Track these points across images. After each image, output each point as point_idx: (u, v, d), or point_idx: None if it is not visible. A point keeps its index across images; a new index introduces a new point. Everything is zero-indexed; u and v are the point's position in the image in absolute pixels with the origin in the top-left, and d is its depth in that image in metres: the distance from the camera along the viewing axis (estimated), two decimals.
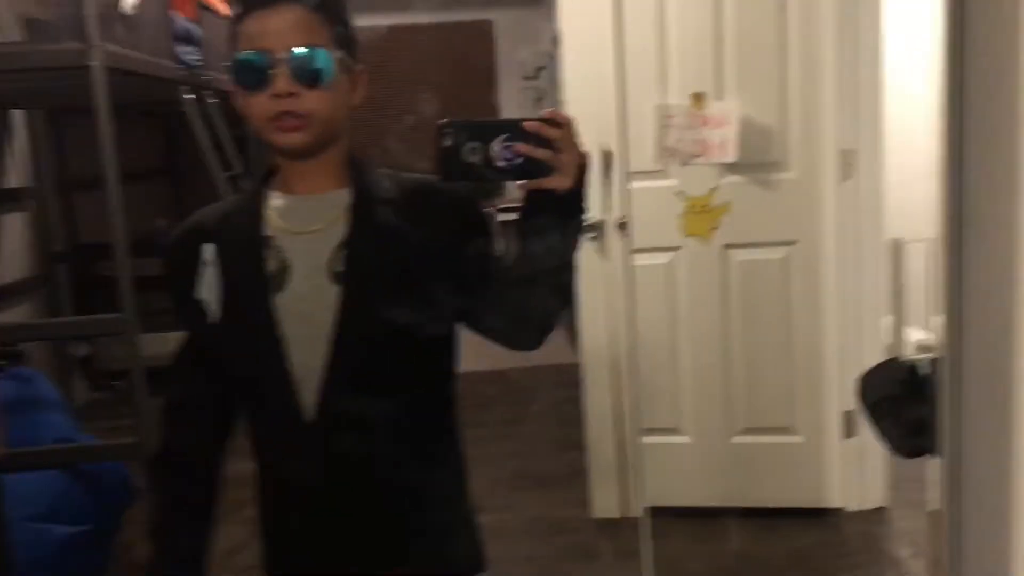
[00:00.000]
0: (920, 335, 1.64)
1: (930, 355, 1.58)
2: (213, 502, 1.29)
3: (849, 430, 2.83)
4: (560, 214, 1.09)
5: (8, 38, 2.50)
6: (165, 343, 4.50)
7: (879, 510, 2.86)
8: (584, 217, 1.12)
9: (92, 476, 2.88)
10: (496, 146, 1.04)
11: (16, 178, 4.26)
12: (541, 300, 1.15)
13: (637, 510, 2.84)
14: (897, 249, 1.47)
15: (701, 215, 2.76)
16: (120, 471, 2.99)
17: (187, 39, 3.33)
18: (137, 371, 2.80)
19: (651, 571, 1.02)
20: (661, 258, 2.81)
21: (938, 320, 0.88)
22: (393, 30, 5.71)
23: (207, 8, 3.54)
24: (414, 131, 5.50)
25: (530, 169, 1.05)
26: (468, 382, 1.34)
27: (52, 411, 2.94)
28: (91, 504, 2.84)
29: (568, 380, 4.57)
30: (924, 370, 1.61)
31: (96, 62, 2.47)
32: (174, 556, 1.26)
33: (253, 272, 1.17)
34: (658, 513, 2.79)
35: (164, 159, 5.58)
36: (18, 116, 4.22)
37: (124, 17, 2.71)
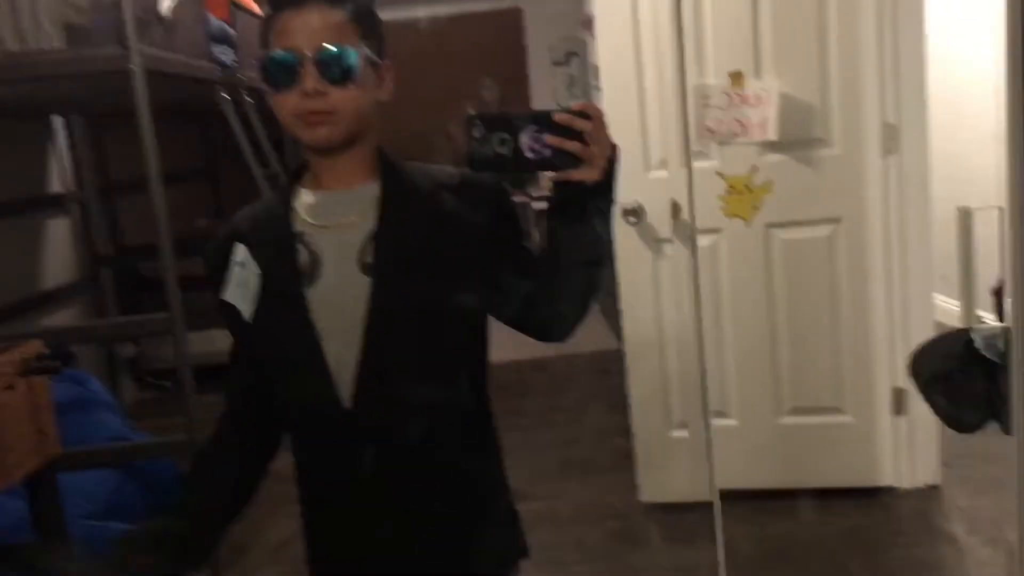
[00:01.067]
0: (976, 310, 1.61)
1: (989, 328, 1.55)
2: (241, 499, 1.31)
3: (899, 407, 2.79)
4: (589, 206, 1.09)
5: (49, 45, 2.54)
6: (211, 341, 4.57)
7: (932, 488, 2.82)
8: (612, 208, 1.12)
9: (145, 474, 2.93)
10: (525, 137, 1.04)
11: (59, 184, 4.33)
12: (571, 291, 1.16)
13: (688, 495, 2.83)
14: (965, 217, 1.44)
15: (743, 195, 2.73)
16: (172, 469, 3.04)
17: (222, 39, 3.36)
18: (184, 370, 2.84)
19: (723, 552, 1.01)
20: (703, 240, 2.78)
21: (1008, 290, 0.86)
22: (423, 22, 5.71)
23: (241, 8, 3.57)
24: (448, 123, 5.50)
25: (559, 161, 1.05)
26: (509, 371, 1.34)
27: (105, 411, 3.00)
28: (145, 501, 2.89)
29: (610, 367, 4.56)
30: (980, 344, 1.59)
31: (136, 66, 2.49)
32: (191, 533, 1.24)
33: (285, 268, 1.18)
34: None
35: (203, 160, 5.65)
36: (58, 122, 4.29)
37: (161, 20, 2.74)
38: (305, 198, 1.22)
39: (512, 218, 1.23)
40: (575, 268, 1.14)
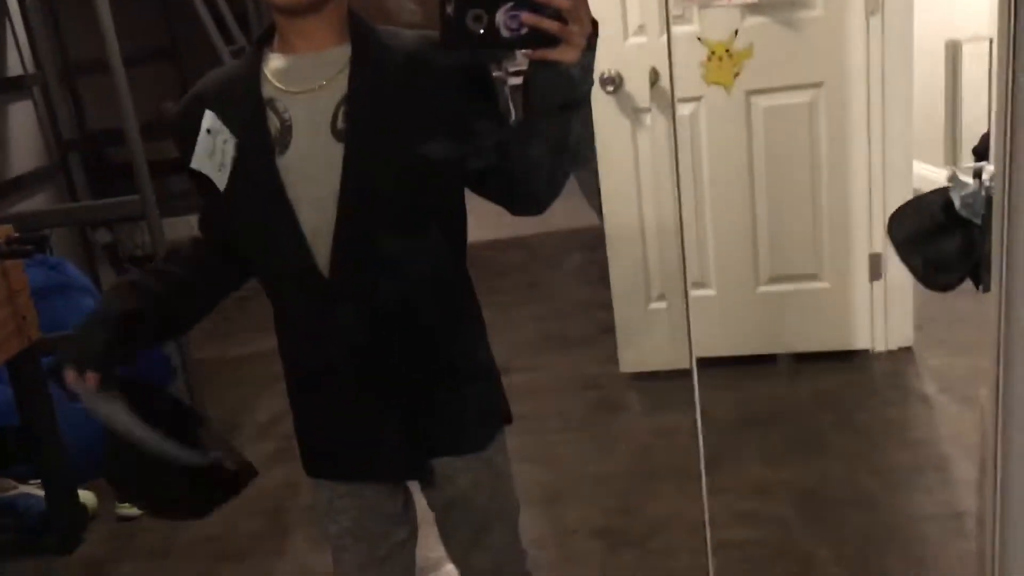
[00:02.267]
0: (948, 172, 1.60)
1: (968, 187, 1.55)
2: (179, 315, 1.30)
3: (875, 273, 2.82)
4: (566, 85, 1.06)
5: None
6: (188, 227, 4.52)
7: (906, 350, 2.89)
8: (590, 86, 1.09)
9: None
10: (501, 15, 0.99)
11: (17, 66, 4.17)
12: (546, 163, 1.14)
13: (666, 364, 2.88)
14: (952, 51, 1.40)
15: (723, 62, 2.67)
16: (157, 352, 3.05)
17: None
18: (160, 254, 2.81)
19: (699, 418, 1.04)
20: (683, 109, 2.74)
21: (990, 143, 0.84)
22: None
23: None
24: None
25: (536, 39, 1.00)
26: (488, 250, 1.34)
27: (83, 295, 2.98)
28: None
29: (590, 242, 4.57)
30: (958, 203, 1.59)
31: None
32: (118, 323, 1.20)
33: (256, 134, 1.15)
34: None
35: (166, 39, 5.45)
36: (12, 2, 4.09)
37: None
38: (274, 62, 1.18)
39: (487, 86, 1.19)
40: (551, 140, 1.11)
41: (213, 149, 1.17)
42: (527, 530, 1.45)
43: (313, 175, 1.14)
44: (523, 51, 1.03)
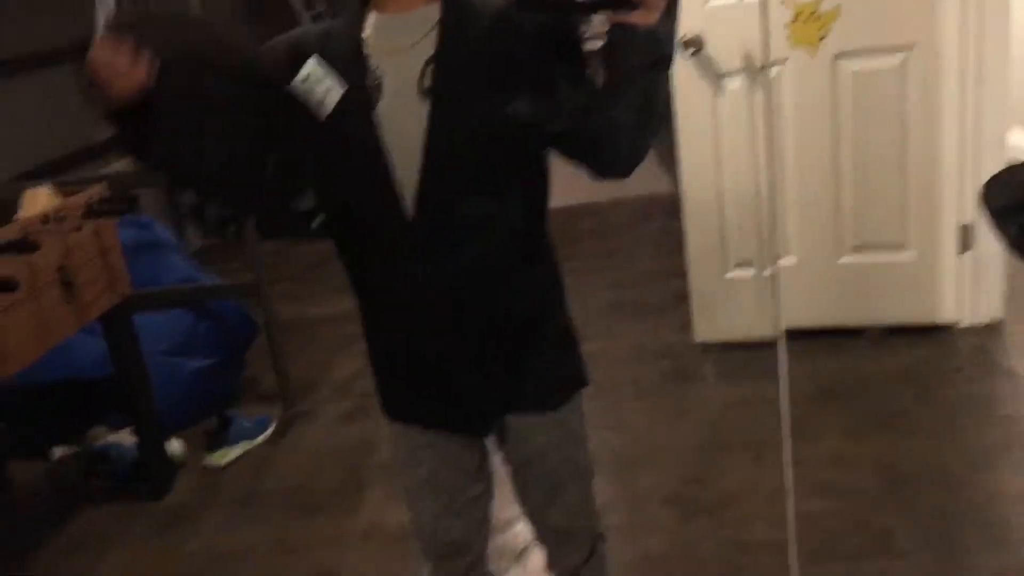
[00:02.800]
0: None
1: None
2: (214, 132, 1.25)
3: (965, 244, 2.72)
4: (645, 49, 1.05)
5: None
6: None
7: (994, 324, 2.79)
8: (671, 50, 1.08)
9: (216, 314, 3.05)
10: None
11: (101, 30, 4.29)
12: (629, 130, 1.14)
13: (742, 334, 2.84)
14: None
15: (809, 23, 2.58)
16: (240, 310, 3.15)
17: None
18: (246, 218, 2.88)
19: (787, 389, 1.02)
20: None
21: None
22: None
23: None
24: None
25: (614, 2, 0.98)
26: (561, 217, 1.34)
27: (171, 254, 3.09)
28: (217, 340, 3.02)
29: (665, 210, 4.52)
30: None
31: None
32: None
33: (357, 86, 1.17)
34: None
35: (244, 6, 5.53)
36: None
37: None
38: (369, 21, 1.21)
39: (572, 48, 1.19)
40: (633, 103, 1.11)
41: (311, 93, 1.19)
42: (599, 494, 1.47)
43: (400, 130, 1.17)
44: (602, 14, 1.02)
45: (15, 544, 2.44)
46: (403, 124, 1.16)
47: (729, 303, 2.89)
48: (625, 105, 1.11)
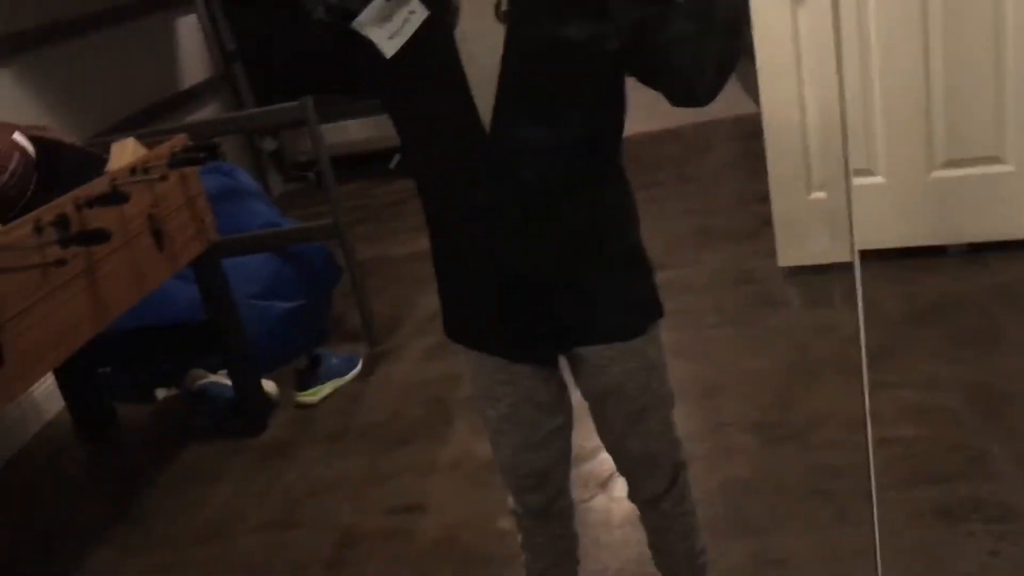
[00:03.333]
0: None
1: None
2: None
3: None
4: None
5: None
6: (345, 132, 4.71)
7: None
8: None
9: (300, 257, 3.12)
10: None
11: None
12: (710, 52, 1.10)
13: (828, 257, 2.77)
14: None
15: None
16: (324, 252, 3.22)
17: None
18: (324, 159, 2.93)
19: (861, 314, 0.99)
20: None
21: None
22: None
23: None
24: None
25: None
26: (641, 143, 1.32)
27: (255, 200, 3.16)
28: (302, 282, 3.09)
29: (746, 132, 4.39)
30: None
31: None
32: None
33: (438, 10, 1.16)
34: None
35: None
36: None
37: None
38: None
39: None
40: (714, 23, 1.08)
41: (389, 17, 1.19)
42: (680, 423, 1.46)
43: (476, 54, 1.16)
44: None
45: (127, 481, 2.59)
46: (479, 48, 1.15)
47: (813, 225, 2.80)
48: (706, 25, 1.08)
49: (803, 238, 2.84)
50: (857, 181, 2.65)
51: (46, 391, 2.94)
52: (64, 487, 2.64)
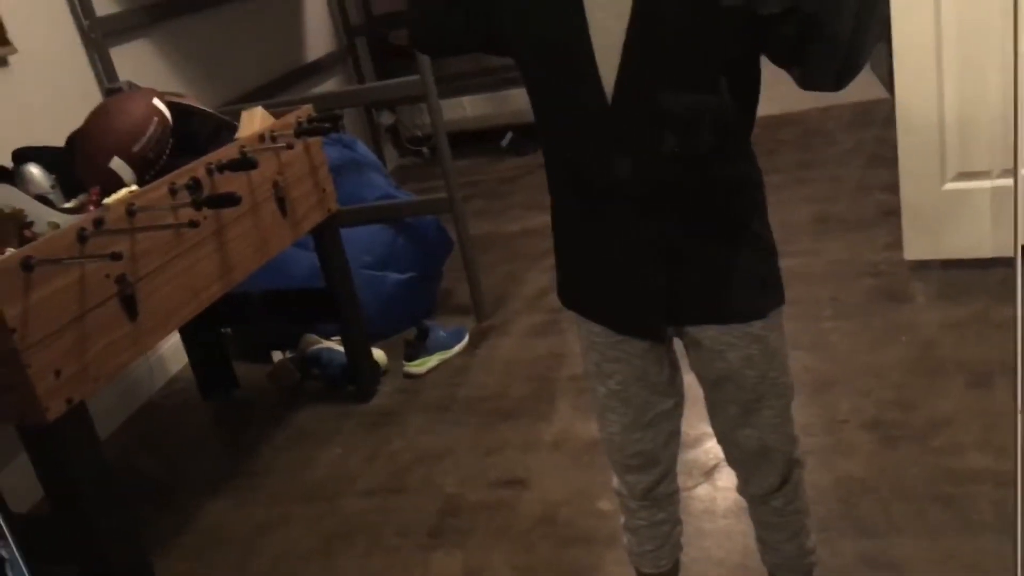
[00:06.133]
0: None
1: None
2: None
3: None
4: None
5: None
6: (461, 108, 4.74)
7: None
8: None
9: (414, 229, 3.17)
10: None
11: None
12: (868, 24, 1.04)
13: (961, 251, 2.63)
14: None
15: None
16: (437, 225, 3.26)
17: None
18: (440, 134, 2.95)
19: (1020, 310, 0.92)
20: None
21: None
22: None
23: None
24: None
25: None
26: (759, 127, 1.27)
27: (372, 172, 3.22)
28: (415, 255, 3.15)
29: (871, 118, 4.21)
30: None
31: None
32: None
33: None
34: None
35: None
36: None
37: None
38: None
39: None
40: (855, 3, 1.02)
41: None
42: (794, 418, 1.42)
43: (604, 20, 1.13)
44: None
45: (243, 436, 2.70)
46: (605, 16, 1.13)
47: (947, 217, 2.67)
48: (848, 5, 1.02)
49: (934, 230, 2.71)
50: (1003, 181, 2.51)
51: (171, 349, 3.09)
52: (184, 440, 2.78)
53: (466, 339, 2.95)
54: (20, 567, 1.23)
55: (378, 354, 2.87)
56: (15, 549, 1.22)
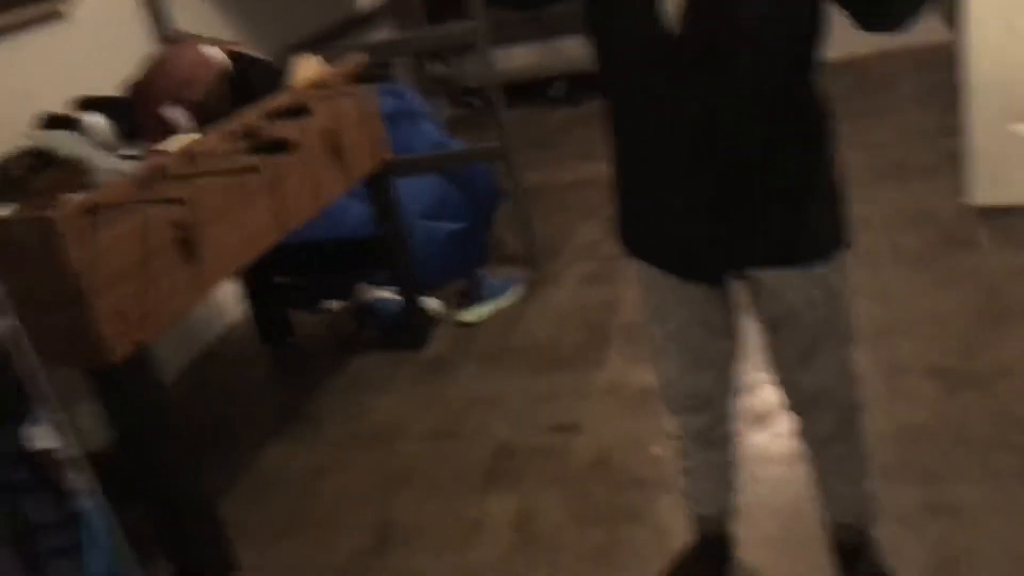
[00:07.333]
0: None
1: None
2: None
3: None
4: None
5: None
6: (513, 58, 4.68)
7: None
8: None
9: (466, 180, 3.17)
10: None
11: None
12: None
13: None
14: None
15: None
16: (488, 175, 3.26)
17: None
18: (492, 82, 2.93)
19: None
20: None
21: None
22: None
23: None
24: None
25: None
26: None
27: (424, 122, 3.21)
28: (467, 204, 3.15)
29: (935, 63, 4.07)
30: None
31: None
32: None
33: None
34: None
35: None
36: None
37: None
38: None
39: None
40: None
41: None
42: (855, 364, 1.39)
43: None
44: None
45: (300, 382, 2.75)
46: None
47: (1015, 161, 2.58)
48: None
49: (1000, 174, 2.62)
50: None
51: (231, 297, 3.15)
52: (243, 385, 2.84)
53: (519, 288, 2.95)
54: (98, 498, 1.28)
55: (431, 303, 2.89)
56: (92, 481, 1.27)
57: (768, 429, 2.02)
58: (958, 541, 1.61)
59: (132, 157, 1.95)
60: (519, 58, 4.86)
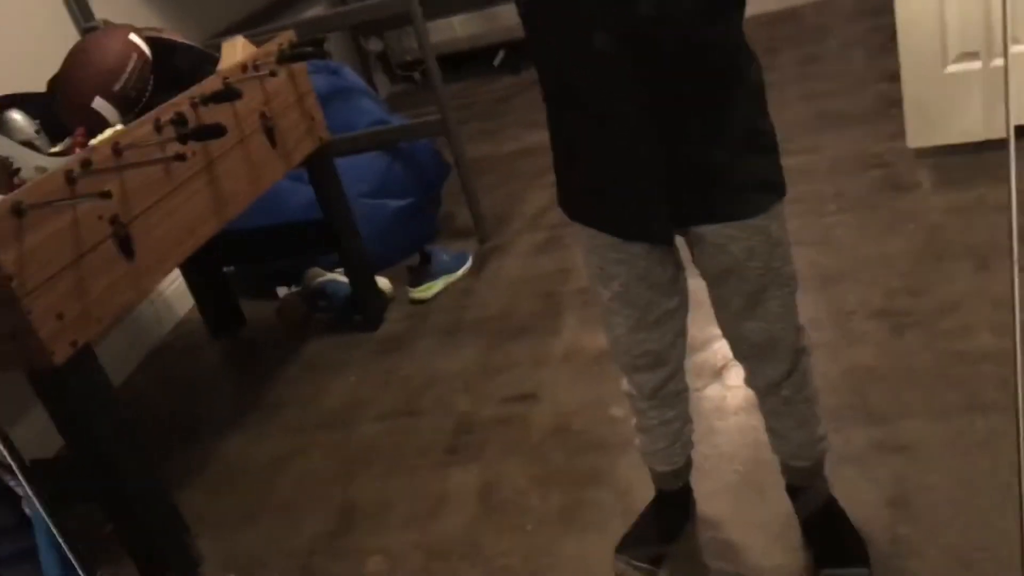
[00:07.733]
0: None
1: None
2: None
3: None
4: None
5: None
6: (450, 29, 4.62)
7: None
8: None
9: (409, 155, 3.13)
10: None
11: None
12: None
13: (966, 135, 2.58)
14: None
15: None
16: (431, 150, 3.22)
17: None
18: (429, 55, 2.89)
19: (1014, 192, 0.89)
20: None
21: None
22: None
23: None
24: None
25: None
26: (756, 25, 1.22)
27: (362, 98, 3.17)
28: (412, 180, 3.11)
29: (869, 7, 4.10)
30: None
31: None
32: None
33: None
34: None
35: None
36: None
37: None
38: None
39: None
40: None
41: None
42: (802, 311, 1.40)
43: None
44: None
45: (256, 371, 2.72)
46: None
47: (949, 102, 2.61)
48: None
49: (936, 115, 2.65)
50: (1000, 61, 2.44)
51: (176, 291, 3.10)
52: (198, 379, 2.80)
53: (470, 262, 2.94)
54: (34, 503, 1.25)
55: (383, 282, 2.87)
56: (27, 486, 1.24)
57: (723, 382, 2.04)
58: (910, 478, 1.64)
59: (58, 154, 1.90)
60: (458, 28, 4.80)
